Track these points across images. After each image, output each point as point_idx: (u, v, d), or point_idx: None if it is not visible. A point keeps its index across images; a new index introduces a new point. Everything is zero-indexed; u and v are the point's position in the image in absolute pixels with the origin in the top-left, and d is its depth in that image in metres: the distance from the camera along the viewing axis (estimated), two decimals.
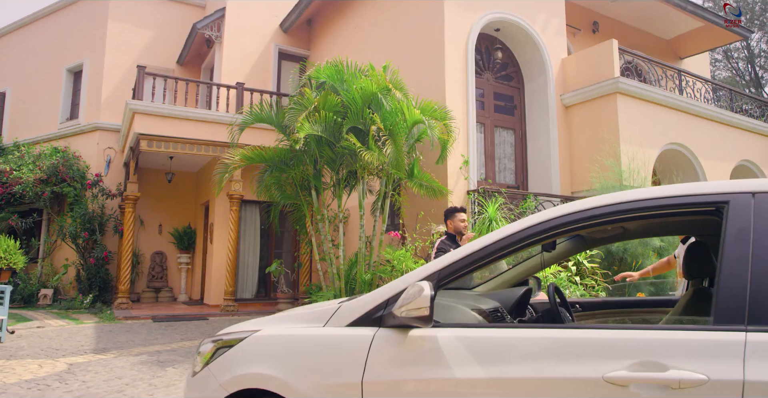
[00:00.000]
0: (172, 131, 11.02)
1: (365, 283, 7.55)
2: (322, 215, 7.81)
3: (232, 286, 11.68)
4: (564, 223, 1.92)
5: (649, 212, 1.83)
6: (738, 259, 1.59)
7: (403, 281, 2.08)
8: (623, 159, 9.02)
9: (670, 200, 1.80)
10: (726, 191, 1.72)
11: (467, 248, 2.03)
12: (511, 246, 1.98)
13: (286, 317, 2.41)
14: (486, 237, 2.04)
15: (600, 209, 1.89)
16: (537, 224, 1.96)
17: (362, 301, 2.14)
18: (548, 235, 1.96)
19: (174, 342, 7.67)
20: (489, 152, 10.18)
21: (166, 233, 14.54)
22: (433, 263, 2.08)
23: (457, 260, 2.01)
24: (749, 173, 12.12)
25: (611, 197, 1.90)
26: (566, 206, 1.97)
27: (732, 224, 1.65)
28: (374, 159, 6.54)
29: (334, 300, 3.04)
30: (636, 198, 1.86)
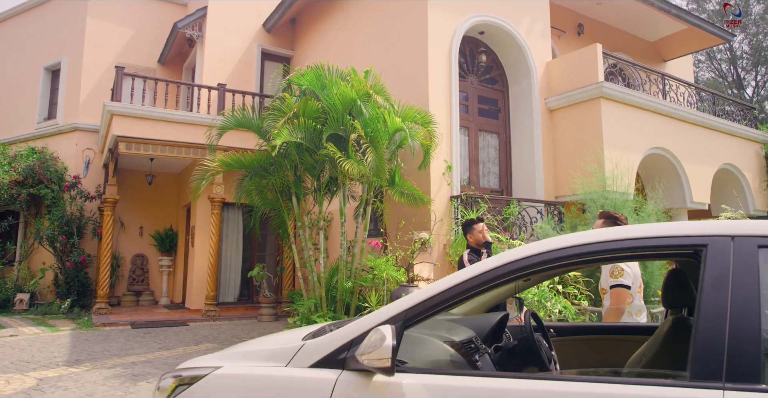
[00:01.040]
0: (152, 133, 10.82)
1: (346, 291, 7.44)
2: (302, 221, 7.68)
3: (214, 290, 11.51)
4: (538, 262, 1.83)
5: (624, 253, 1.74)
6: (715, 310, 1.50)
7: (367, 321, 1.98)
8: (607, 165, 8.98)
9: (645, 241, 1.71)
10: (704, 234, 1.64)
11: (435, 288, 1.93)
12: (484, 285, 1.88)
13: (248, 352, 2.29)
14: (456, 276, 1.94)
15: (575, 248, 1.79)
16: (510, 263, 1.86)
17: (326, 340, 2.04)
18: (522, 274, 1.86)
19: (151, 352, 7.51)
20: (473, 156, 10.10)
21: (147, 235, 14.31)
22: (400, 302, 1.98)
23: (424, 300, 1.91)
24: (731, 176, 12.18)
25: (588, 236, 1.81)
26: (542, 245, 1.87)
27: (710, 270, 1.56)
28: (354, 169, 6.43)
29: (303, 330, 2.92)
30: (611, 238, 1.76)
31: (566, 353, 3.08)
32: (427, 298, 1.91)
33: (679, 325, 2.37)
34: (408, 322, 1.91)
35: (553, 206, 9.61)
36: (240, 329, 10.14)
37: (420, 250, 7.34)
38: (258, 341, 2.64)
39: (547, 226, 8.27)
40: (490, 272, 1.87)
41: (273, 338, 2.63)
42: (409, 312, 1.91)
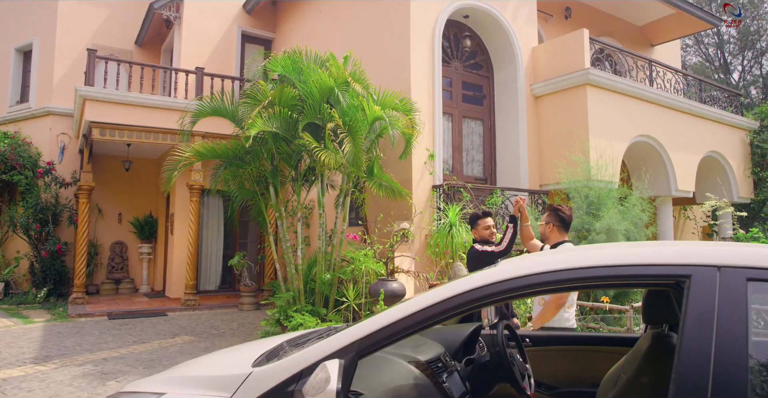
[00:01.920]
0: (128, 119, 10.49)
1: (325, 283, 7.28)
2: (280, 212, 7.47)
3: (193, 279, 11.31)
4: (508, 289, 1.65)
5: (598, 281, 1.57)
6: (698, 352, 1.34)
7: (316, 351, 1.79)
8: (592, 153, 8.83)
9: (618, 270, 1.53)
10: (687, 263, 1.47)
11: (394, 315, 1.75)
12: (449, 312, 1.71)
13: (194, 379, 2.10)
14: (417, 300, 1.76)
15: (546, 275, 1.62)
16: (474, 290, 1.68)
17: (274, 370, 1.86)
18: (487, 302, 1.69)
19: (125, 346, 7.32)
20: (456, 144, 9.91)
21: (126, 222, 14.01)
22: (354, 329, 1.79)
23: (380, 328, 1.74)
24: (716, 164, 12.11)
25: (555, 262, 1.64)
26: (511, 270, 1.69)
27: (693, 305, 1.40)
28: (330, 160, 6.21)
29: (261, 344, 2.75)
30: (580, 266, 1.59)
31: (543, 364, 2.94)
32: (383, 327, 1.73)
33: (660, 343, 2.21)
34: (363, 353, 1.74)
35: (537, 195, 9.48)
36: (219, 319, 9.97)
37: (401, 241, 7.18)
38: (208, 360, 2.46)
39: (531, 216, 8.12)
40: (455, 298, 1.69)
41: (223, 358, 2.45)
42: (364, 341, 1.73)
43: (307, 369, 1.76)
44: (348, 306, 6.73)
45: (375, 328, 1.73)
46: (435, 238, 5.98)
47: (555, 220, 4.07)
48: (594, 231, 7.15)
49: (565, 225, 4.05)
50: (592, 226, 7.22)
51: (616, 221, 7.02)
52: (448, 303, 1.68)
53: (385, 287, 6.27)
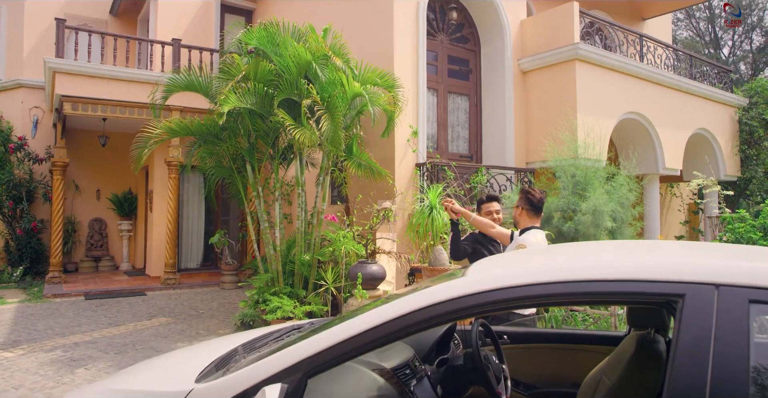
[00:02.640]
0: (101, 93, 10.09)
1: (305, 265, 7.09)
2: (257, 191, 7.22)
3: (173, 258, 11.09)
4: (474, 305, 1.45)
5: (574, 298, 1.37)
6: (691, 387, 1.15)
7: (257, 371, 1.59)
8: (579, 131, 8.63)
9: (603, 286, 1.33)
10: (680, 280, 1.27)
11: (346, 331, 1.55)
12: (408, 329, 1.51)
13: (133, 394, 1.90)
14: (373, 316, 1.55)
15: (514, 290, 1.41)
16: (442, 303, 1.47)
17: (212, 391, 1.66)
18: (457, 316, 1.49)
19: (98, 329, 7.13)
20: (442, 120, 9.65)
21: (104, 199, 13.67)
22: (303, 347, 1.59)
23: (331, 346, 1.53)
24: (704, 141, 11.98)
25: (528, 275, 1.43)
26: (478, 283, 1.48)
27: (686, 329, 1.20)
28: (305, 138, 5.93)
29: (217, 345, 2.55)
30: (561, 279, 1.38)
31: (521, 362, 2.78)
32: (335, 344, 1.53)
33: (646, 349, 2.04)
34: (313, 372, 1.54)
35: (523, 173, 9.29)
36: (200, 299, 9.79)
37: (382, 221, 6.98)
38: (152, 368, 2.25)
39: (515, 196, 7.94)
40: (414, 314, 1.48)
41: (169, 366, 2.24)
42: (314, 360, 1.53)
43: (250, 390, 1.56)
44: (327, 288, 6.56)
45: (326, 346, 1.53)
46: (416, 219, 5.79)
47: (524, 203, 3.88)
48: (580, 212, 6.99)
49: (535, 209, 3.85)
50: (578, 206, 7.06)
51: (602, 201, 6.86)
52: (407, 320, 1.48)
53: (364, 270, 6.09)
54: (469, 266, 1.86)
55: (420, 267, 6.15)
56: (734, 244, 1.76)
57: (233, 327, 7.20)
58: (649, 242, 2.32)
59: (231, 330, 7.09)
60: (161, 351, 6.06)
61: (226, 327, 7.31)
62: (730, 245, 1.83)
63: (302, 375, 1.51)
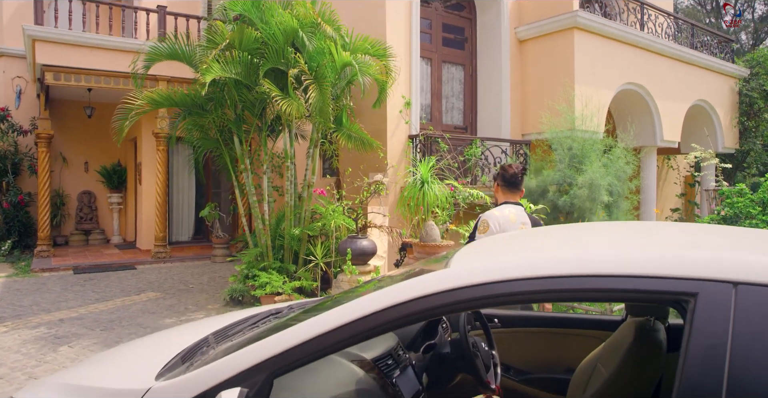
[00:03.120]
0: (84, 62, 9.75)
1: (294, 239, 6.95)
2: (244, 164, 7.02)
3: (163, 231, 10.94)
4: (458, 301, 1.28)
5: (570, 295, 1.21)
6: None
7: (214, 372, 1.43)
8: (577, 102, 8.40)
9: (602, 282, 1.17)
10: (692, 276, 1.10)
11: (312, 329, 1.39)
12: (384, 326, 1.35)
13: (88, 391, 1.75)
14: (344, 311, 1.39)
15: (502, 285, 1.25)
16: (421, 299, 1.31)
17: (173, 389, 1.51)
18: (442, 311, 1.33)
19: (85, 305, 7.01)
20: (436, 90, 9.39)
21: (93, 171, 13.42)
22: (268, 345, 1.43)
23: (300, 344, 1.37)
24: (703, 113, 11.77)
25: (517, 269, 1.27)
26: (462, 275, 1.32)
27: (698, 334, 1.05)
28: (292, 109, 5.71)
29: (184, 331, 2.41)
30: (553, 274, 1.22)
31: (512, 346, 2.66)
32: (303, 342, 1.37)
33: (645, 338, 1.90)
34: (280, 372, 1.39)
35: (518, 145, 9.09)
36: (190, 273, 9.68)
37: (373, 194, 6.81)
38: (114, 359, 2.10)
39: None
40: (391, 310, 1.32)
41: (132, 358, 2.09)
42: (280, 360, 1.37)
43: (209, 393, 1.41)
44: (318, 263, 6.43)
45: (293, 344, 1.37)
46: (408, 193, 5.62)
47: (500, 179, 3.77)
48: (576, 185, 6.83)
49: (509, 184, 3.71)
50: (574, 180, 6.90)
51: (599, 174, 6.70)
52: (383, 316, 1.32)
53: (354, 246, 5.96)
54: (455, 254, 1.70)
55: (411, 242, 6.02)
56: (750, 229, 1.59)
57: (222, 302, 7.10)
58: (649, 226, 2.15)
59: (220, 305, 6.99)
60: (148, 327, 5.95)
61: (216, 302, 7.21)
62: (742, 230, 1.67)
63: (267, 375, 1.36)
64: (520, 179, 3.68)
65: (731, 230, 1.78)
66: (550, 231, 2.09)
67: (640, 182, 9.96)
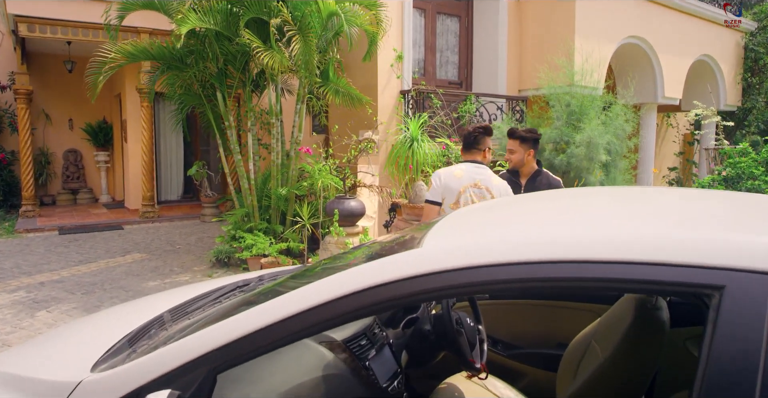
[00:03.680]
0: (59, 13, 9.23)
1: (281, 199, 6.72)
2: (228, 121, 6.71)
3: (151, 190, 10.68)
4: (426, 289, 1.06)
5: (558, 284, 0.99)
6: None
7: (142, 369, 1.22)
8: (577, 56, 8.03)
9: (600, 270, 0.94)
10: (718, 265, 0.88)
11: (264, 316, 1.17)
12: (344, 316, 1.13)
13: (20, 382, 1.54)
14: (295, 297, 1.17)
15: (484, 271, 1.03)
16: (386, 285, 1.09)
17: (103, 384, 1.30)
18: (408, 300, 1.11)
19: (68, 267, 6.84)
20: (429, 43, 8.97)
21: (78, 129, 13.04)
22: (208, 336, 1.21)
23: (242, 337, 1.16)
24: (706, 69, 11.38)
25: (495, 251, 1.04)
26: (435, 258, 1.09)
27: (724, 337, 0.83)
28: (275, 62, 5.36)
29: (121, 316, 2.21)
30: (538, 258, 0.99)
31: (501, 319, 2.48)
32: (248, 334, 1.15)
33: (647, 317, 1.70)
34: (222, 368, 1.18)
35: (515, 101, 8.77)
36: (178, 232, 9.51)
37: (362, 153, 6.54)
38: (55, 342, 1.90)
39: (505, 126, 7.48)
40: (351, 299, 1.10)
41: (76, 340, 1.89)
42: (222, 354, 1.16)
43: (150, 385, 1.20)
44: (302, 226, 6.23)
45: (237, 336, 1.15)
46: (397, 151, 5.36)
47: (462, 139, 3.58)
48: (573, 144, 6.58)
49: (465, 144, 3.50)
50: (571, 138, 6.64)
51: (598, 133, 6.44)
52: (342, 306, 1.10)
53: (342, 206, 5.74)
54: (435, 225, 1.47)
55: (400, 203, 5.80)
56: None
57: (209, 264, 6.94)
58: (654, 194, 1.91)
59: (206, 267, 6.83)
60: (131, 290, 5.80)
61: (202, 263, 7.05)
62: (761, 199, 1.44)
63: (207, 371, 1.16)
64: (474, 138, 3.43)
65: (751, 198, 1.55)
66: (542, 199, 1.86)
67: (639, 141, 9.69)
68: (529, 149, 3.63)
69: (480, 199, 3.26)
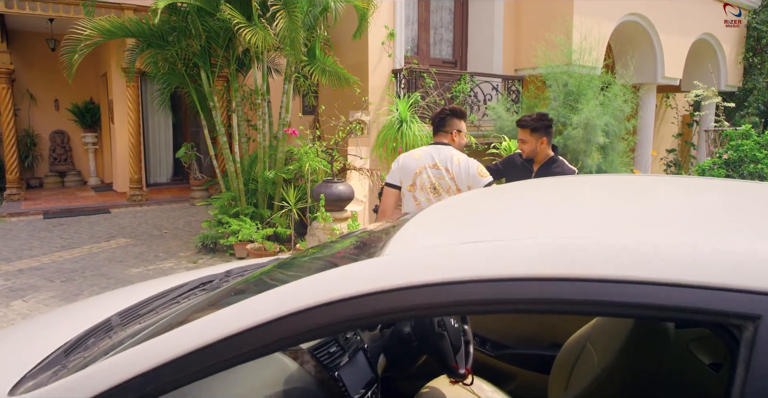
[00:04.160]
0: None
1: (268, 182, 6.51)
2: (213, 102, 6.45)
3: (138, 173, 10.44)
4: (384, 310, 0.86)
5: (567, 306, 0.80)
6: None
7: (80, 382, 1.03)
8: (575, 34, 7.76)
9: (606, 291, 0.74)
10: (755, 289, 0.68)
11: (193, 337, 0.97)
12: (290, 339, 0.93)
13: None
14: (218, 320, 0.97)
15: (442, 291, 0.83)
16: (327, 306, 0.88)
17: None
18: (355, 325, 0.91)
19: (50, 253, 6.64)
20: (423, 21, 8.67)
21: (64, 110, 12.72)
22: (129, 359, 1.02)
23: (170, 361, 0.96)
24: (707, 48, 11.10)
25: (502, 261, 0.84)
26: (396, 271, 0.89)
27: (759, 379, 0.64)
28: (258, 39, 5.10)
29: (96, 305, 2.02)
30: (528, 275, 0.80)
31: (490, 317, 2.29)
32: (176, 358, 0.95)
33: (649, 323, 1.51)
34: (151, 395, 0.99)
35: (510, 81, 8.51)
36: (166, 216, 9.31)
37: (350, 134, 6.30)
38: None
39: (500, 107, 7.26)
40: (285, 323, 0.89)
41: (9, 349, 1.69)
42: (149, 380, 0.96)
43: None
44: (288, 211, 6.03)
45: (164, 359, 0.95)
46: (385, 134, 5.14)
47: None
48: (570, 126, 6.36)
49: (432, 126, 3.30)
50: (568, 119, 6.41)
51: (596, 114, 6.21)
52: (283, 329, 0.89)
53: (329, 190, 5.53)
54: (405, 224, 1.26)
55: None
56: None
57: (194, 249, 6.75)
58: (657, 184, 1.69)
59: (192, 253, 6.63)
60: (112, 278, 5.61)
61: (188, 249, 6.85)
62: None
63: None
64: (441, 120, 3.20)
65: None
66: (525, 192, 1.65)
67: (638, 122, 9.47)
68: (541, 137, 3.42)
69: (438, 180, 3.07)
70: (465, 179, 3.07)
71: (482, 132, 7.56)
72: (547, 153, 3.47)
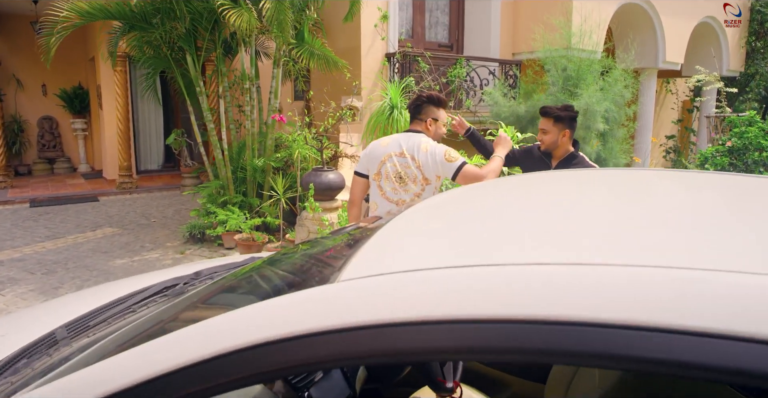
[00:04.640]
0: None
1: (257, 170, 6.32)
2: (199, 87, 6.23)
3: (127, 160, 10.23)
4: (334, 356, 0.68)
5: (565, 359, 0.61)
6: None
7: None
8: (575, 16, 7.52)
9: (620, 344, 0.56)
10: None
11: (108, 381, 0.79)
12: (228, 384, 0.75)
13: None
14: (126, 362, 0.79)
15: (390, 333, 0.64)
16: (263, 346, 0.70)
17: None
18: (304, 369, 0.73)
19: (32, 244, 6.46)
20: (418, 3, 8.40)
21: (52, 95, 12.44)
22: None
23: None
24: (710, 32, 10.85)
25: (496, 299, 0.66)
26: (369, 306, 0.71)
27: None
28: (243, 21, 4.86)
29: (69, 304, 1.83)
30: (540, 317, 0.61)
31: None
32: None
33: None
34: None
35: (508, 65, 8.28)
36: (156, 205, 9.11)
37: (340, 121, 6.09)
38: None
39: (497, 92, 7.04)
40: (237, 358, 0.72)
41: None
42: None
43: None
44: (277, 201, 5.84)
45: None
46: (375, 120, 4.93)
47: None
48: None
49: (409, 113, 3.10)
50: None
51: (596, 99, 6.00)
52: (202, 376, 0.71)
53: (318, 179, 5.34)
54: (369, 239, 1.07)
55: None
56: None
57: (182, 239, 6.57)
58: (671, 182, 1.48)
59: (179, 243, 6.46)
60: (95, 270, 5.43)
61: (176, 239, 6.67)
62: None
63: None
64: (416, 107, 3.00)
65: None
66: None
67: (638, 108, 9.26)
68: (564, 130, 3.13)
69: (404, 169, 2.87)
70: (432, 168, 2.86)
71: (478, 118, 7.35)
72: (567, 148, 3.19)
